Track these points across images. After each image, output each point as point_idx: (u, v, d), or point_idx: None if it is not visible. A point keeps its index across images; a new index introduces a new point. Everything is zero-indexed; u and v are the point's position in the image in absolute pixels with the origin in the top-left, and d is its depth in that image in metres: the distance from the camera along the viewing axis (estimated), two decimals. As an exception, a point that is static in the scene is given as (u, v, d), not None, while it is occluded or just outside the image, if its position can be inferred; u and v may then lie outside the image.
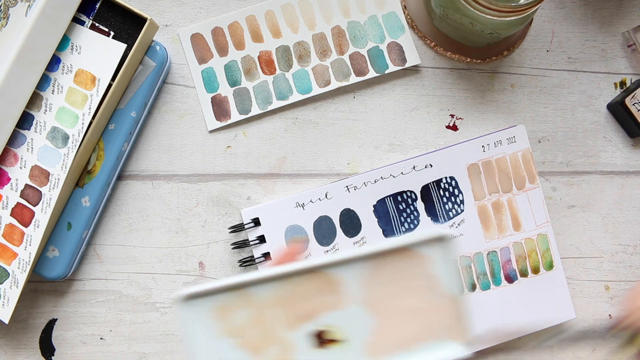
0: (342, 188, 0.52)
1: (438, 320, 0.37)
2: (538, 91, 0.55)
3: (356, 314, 0.37)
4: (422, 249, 0.37)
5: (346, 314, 0.37)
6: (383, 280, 0.37)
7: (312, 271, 0.37)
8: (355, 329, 0.37)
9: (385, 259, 0.37)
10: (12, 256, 0.48)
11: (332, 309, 0.37)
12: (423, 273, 0.37)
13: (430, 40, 0.54)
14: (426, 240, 0.37)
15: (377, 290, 0.37)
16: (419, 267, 0.37)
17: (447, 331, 0.37)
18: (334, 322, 0.37)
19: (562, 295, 0.53)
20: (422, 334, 0.38)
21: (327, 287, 0.37)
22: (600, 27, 0.56)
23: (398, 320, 0.37)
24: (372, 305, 0.37)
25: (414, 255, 0.37)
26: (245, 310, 0.37)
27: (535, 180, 0.53)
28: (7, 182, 0.48)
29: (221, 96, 0.53)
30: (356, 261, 0.37)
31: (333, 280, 0.37)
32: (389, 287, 0.37)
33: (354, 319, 0.37)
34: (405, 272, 0.37)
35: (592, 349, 0.55)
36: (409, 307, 0.37)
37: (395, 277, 0.37)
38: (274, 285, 0.37)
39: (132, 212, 0.53)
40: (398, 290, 0.37)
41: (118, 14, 0.50)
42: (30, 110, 0.48)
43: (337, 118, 0.54)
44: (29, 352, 0.53)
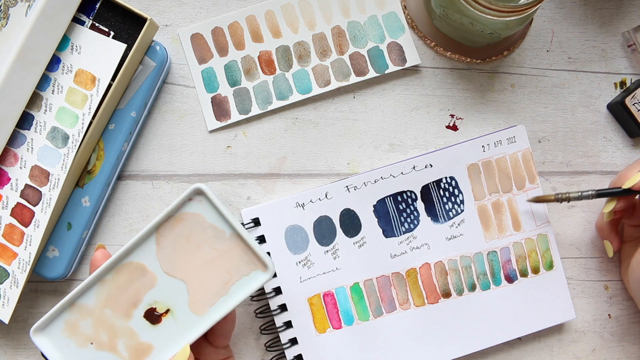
0: (342, 188, 0.52)
1: (235, 260, 0.43)
2: (538, 91, 0.55)
3: (168, 284, 0.42)
4: (189, 209, 0.42)
5: (161, 288, 0.42)
6: (172, 247, 0.42)
7: (116, 265, 0.42)
8: (174, 296, 0.42)
9: (164, 230, 0.42)
10: (12, 256, 0.48)
11: (149, 289, 0.42)
12: (201, 227, 0.42)
13: (430, 40, 0.54)
14: (186, 199, 0.42)
15: (171, 258, 0.42)
16: (195, 224, 0.42)
17: (247, 265, 0.43)
18: (156, 298, 0.42)
19: (562, 295, 0.53)
20: (229, 276, 0.43)
21: (135, 272, 0.42)
22: (600, 27, 0.56)
23: (204, 274, 0.42)
24: (176, 271, 0.42)
25: (186, 217, 0.42)
26: (87, 319, 0.42)
27: (535, 180, 0.53)
28: (7, 182, 0.48)
29: (221, 96, 0.53)
30: (141, 242, 0.42)
31: (136, 264, 0.42)
32: (181, 251, 0.42)
33: (168, 289, 0.42)
34: (186, 234, 0.42)
35: (592, 349, 0.55)
36: (206, 259, 0.42)
37: (182, 240, 0.42)
38: (96, 290, 0.42)
39: (132, 212, 0.53)
40: (189, 251, 0.42)
41: (118, 14, 0.50)
42: (30, 110, 0.48)
43: (337, 118, 0.54)
44: (29, 352, 0.53)
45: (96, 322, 0.42)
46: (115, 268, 0.42)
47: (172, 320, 0.42)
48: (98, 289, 0.42)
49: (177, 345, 0.42)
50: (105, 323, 0.42)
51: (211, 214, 0.42)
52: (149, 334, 0.42)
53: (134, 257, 0.42)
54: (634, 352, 0.55)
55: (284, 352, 0.51)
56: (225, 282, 0.43)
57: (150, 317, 0.42)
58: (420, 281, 0.52)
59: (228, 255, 0.42)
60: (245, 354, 0.53)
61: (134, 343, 0.42)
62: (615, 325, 0.55)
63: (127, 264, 0.42)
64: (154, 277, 0.42)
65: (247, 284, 0.43)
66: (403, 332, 0.52)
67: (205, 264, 0.42)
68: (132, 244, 0.42)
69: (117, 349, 0.42)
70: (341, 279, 0.52)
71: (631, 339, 0.55)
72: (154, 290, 0.42)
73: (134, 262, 0.42)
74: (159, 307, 0.42)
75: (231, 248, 0.42)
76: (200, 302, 0.42)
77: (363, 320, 0.52)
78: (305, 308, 0.52)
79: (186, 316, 0.42)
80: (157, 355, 0.42)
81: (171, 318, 0.42)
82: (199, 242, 0.42)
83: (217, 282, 0.43)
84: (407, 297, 0.52)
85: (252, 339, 0.53)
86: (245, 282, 0.43)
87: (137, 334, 0.42)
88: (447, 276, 0.53)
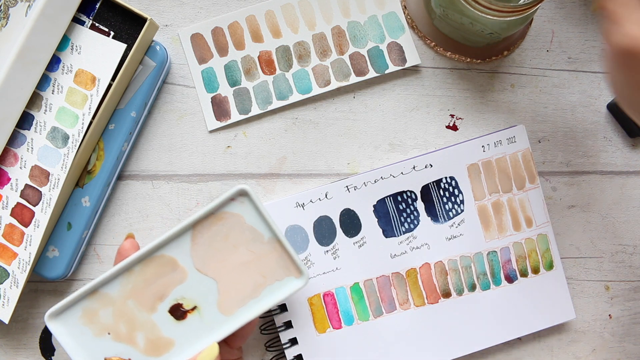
0: (342, 188, 0.52)
1: (271, 264, 0.42)
2: (538, 91, 0.55)
3: (199, 281, 0.42)
4: (230, 209, 0.42)
5: (190, 284, 0.42)
6: (208, 245, 0.42)
7: (147, 257, 0.41)
8: (204, 294, 0.42)
9: (202, 227, 0.42)
10: (12, 256, 0.48)
11: (179, 283, 0.42)
12: (240, 228, 0.42)
13: (430, 40, 0.54)
14: (229, 199, 0.41)
15: (207, 255, 0.42)
16: (234, 224, 0.42)
17: (282, 270, 0.42)
18: (184, 294, 0.42)
19: (562, 295, 0.53)
20: (263, 280, 0.42)
21: (166, 266, 0.41)
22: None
23: (237, 275, 0.42)
24: (208, 270, 0.42)
25: (225, 216, 0.42)
26: (108, 309, 0.41)
27: (535, 180, 0.53)
28: (7, 182, 0.48)
29: (221, 96, 0.53)
30: (177, 237, 0.41)
31: (168, 258, 0.41)
32: (217, 249, 0.42)
33: (198, 287, 0.42)
34: (226, 233, 0.42)
35: (592, 349, 0.55)
36: (241, 261, 0.42)
37: (219, 239, 0.42)
38: (122, 280, 0.41)
39: (132, 212, 0.53)
40: (225, 250, 0.42)
41: (118, 14, 0.50)
42: (30, 110, 0.48)
43: (337, 118, 0.54)
44: (29, 352, 0.53)
45: (117, 312, 0.41)
46: (145, 260, 0.41)
47: (197, 318, 0.42)
48: (124, 279, 0.41)
49: (200, 343, 0.42)
50: (126, 314, 0.41)
51: (252, 216, 0.42)
52: (172, 329, 0.42)
53: (166, 251, 0.41)
54: (634, 352, 0.55)
55: (284, 351, 0.51)
56: (257, 285, 0.42)
57: (175, 312, 0.42)
58: (420, 281, 0.52)
59: (264, 258, 0.42)
60: (245, 354, 0.53)
61: (154, 337, 0.42)
62: (616, 326, 0.55)
63: (158, 256, 0.41)
64: (185, 272, 0.42)
65: (279, 289, 0.42)
66: (403, 332, 0.52)
67: (240, 265, 0.42)
68: (166, 238, 0.41)
69: (136, 341, 0.41)
70: (341, 279, 0.52)
71: (632, 339, 0.55)
72: (183, 286, 0.42)
73: (165, 256, 0.41)
74: (186, 303, 0.42)
75: (268, 252, 0.42)
76: (229, 303, 0.42)
77: (363, 320, 0.52)
78: (305, 308, 0.52)
79: (213, 315, 0.42)
80: (177, 352, 0.42)
81: (197, 315, 0.42)
82: (236, 242, 0.42)
83: (250, 284, 0.42)
84: (407, 297, 0.52)
85: (252, 339, 0.53)
86: (278, 287, 0.42)
87: (159, 328, 0.42)
88: (447, 276, 0.53)
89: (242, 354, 0.48)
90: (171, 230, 0.41)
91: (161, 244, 0.41)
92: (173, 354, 0.42)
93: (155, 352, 0.41)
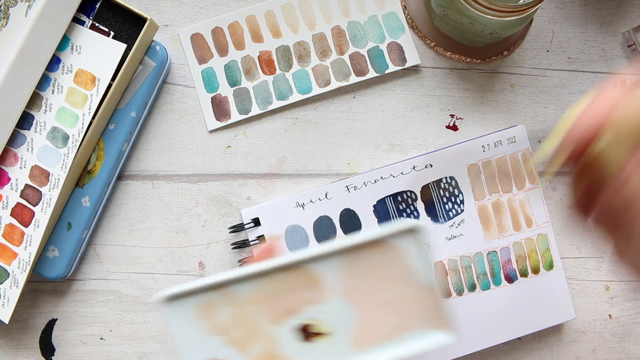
0: (342, 188, 0.52)
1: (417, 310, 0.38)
2: (538, 91, 0.55)
3: (338, 306, 0.38)
4: (395, 241, 0.38)
5: (329, 307, 0.38)
6: (361, 272, 0.38)
7: (291, 267, 0.38)
8: (339, 321, 0.38)
9: (360, 251, 0.38)
10: (12, 256, 0.48)
11: (315, 303, 0.38)
12: (399, 264, 0.38)
13: (430, 40, 0.54)
14: (399, 232, 0.38)
15: (356, 282, 0.38)
16: (395, 258, 0.38)
17: (427, 320, 0.38)
18: (318, 316, 0.38)
19: (562, 295, 0.53)
20: (404, 324, 0.38)
21: (307, 282, 0.38)
22: (600, 27, 0.56)
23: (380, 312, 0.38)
24: (353, 298, 0.38)
25: (388, 247, 0.38)
26: (229, 308, 0.38)
27: (535, 180, 0.53)
28: (7, 182, 0.48)
29: (221, 96, 0.53)
30: (333, 255, 0.38)
31: (313, 274, 0.38)
32: (368, 279, 0.38)
33: (336, 312, 0.38)
34: (382, 264, 0.38)
35: (592, 349, 0.55)
36: (389, 298, 0.38)
37: (373, 269, 0.38)
38: (255, 283, 0.38)
39: (132, 212, 0.53)
40: (376, 282, 0.38)
41: (118, 14, 0.50)
42: (30, 110, 0.48)
43: (337, 118, 0.54)
44: (29, 352, 0.53)
45: (239, 314, 0.38)
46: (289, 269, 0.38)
47: (325, 345, 0.38)
48: (258, 282, 0.38)
49: None
50: (248, 319, 0.38)
51: (414, 255, 0.38)
52: (292, 348, 0.38)
53: (313, 266, 0.38)
54: (634, 352, 0.55)
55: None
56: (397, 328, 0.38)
57: (303, 332, 0.38)
58: (420, 281, 0.52)
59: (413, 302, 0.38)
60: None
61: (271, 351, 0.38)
62: (616, 326, 0.55)
63: (303, 268, 0.38)
64: (327, 294, 0.38)
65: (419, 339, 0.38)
66: (403, 332, 0.52)
67: (385, 301, 0.38)
68: (320, 253, 0.38)
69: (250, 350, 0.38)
70: (341, 279, 0.52)
71: (632, 339, 0.55)
72: (320, 307, 0.38)
73: (311, 271, 0.38)
74: (317, 326, 0.38)
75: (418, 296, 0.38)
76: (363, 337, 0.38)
77: (363, 320, 0.52)
78: (305, 308, 0.51)
79: (341, 346, 0.38)
80: None
81: (326, 342, 0.38)
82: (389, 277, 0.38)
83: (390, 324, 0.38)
84: (407, 297, 0.52)
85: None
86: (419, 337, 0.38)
87: (278, 344, 0.38)
88: (447, 276, 0.53)
89: None
90: (327, 247, 0.37)
91: (313, 257, 0.37)
92: None
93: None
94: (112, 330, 0.53)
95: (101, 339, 0.53)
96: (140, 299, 0.53)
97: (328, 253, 0.38)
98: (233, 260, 0.53)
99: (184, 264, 0.53)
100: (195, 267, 0.53)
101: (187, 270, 0.53)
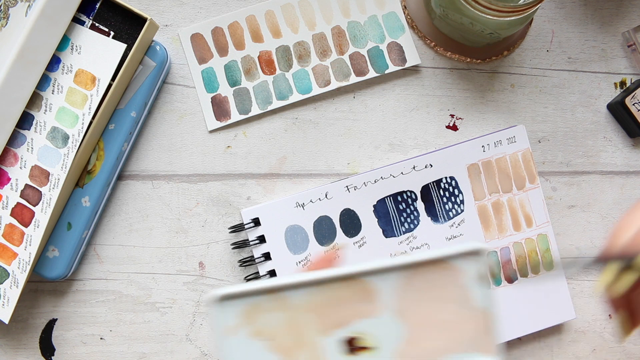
0: (342, 188, 0.52)
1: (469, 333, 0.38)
2: (538, 91, 0.55)
3: (389, 322, 0.37)
4: (456, 262, 0.37)
5: (379, 322, 0.37)
6: (417, 290, 0.37)
7: (348, 278, 0.37)
8: (387, 337, 0.37)
9: (420, 269, 0.37)
10: (12, 256, 0.48)
11: (366, 317, 0.37)
12: (456, 285, 0.37)
13: (430, 40, 0.54)
14: (462, 254, 0.37)
15: (410, 300, 0.37)
16: (453, 279, 0.37)
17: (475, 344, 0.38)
18: (366, 330, 0.37)
19: (562, 295, 0.53)
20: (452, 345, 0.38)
21: (362, 294, 0.37)
22: (600, 27, 0.56)
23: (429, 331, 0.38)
24: (405, 315, 0.37)
25: (448, 267, 0.37)
26: (279, 314, 0.37)
27: (535, 180, 0.53)
28: (7, 182, 0.48)
29: (221, 96, 0.53)
30: (392, 270, 0.37)
31: (368, 288, 0.37)
32: (423, 297, 0.37)
33: (386, 328, 0.37)
34: (439, 284, 0.37)
35: (592, 349, 0.55)
36: (441, 318, 0.38)
37: (429, 288, 0.37)
38: (309, 291, 0.37)
39: (132, 212, 0.53)
40: (431, 301, 0.37)
41: (118, 14, 0.50)
42: (30, 110, 0.48)
43: (337, 118, 0.54)
44: (29, 352, 0.53)
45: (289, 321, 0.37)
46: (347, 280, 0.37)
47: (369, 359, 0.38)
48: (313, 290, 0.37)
49: None
50: (297, 327, 0.37)
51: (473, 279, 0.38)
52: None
53: (371, 279, 0.37)
54: (634, 352, 0.55)
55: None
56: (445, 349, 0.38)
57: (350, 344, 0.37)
58: (420, 281, 0.52)
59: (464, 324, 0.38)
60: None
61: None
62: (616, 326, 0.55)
63: (361, 280, 0.37)
64: (380, 308, 0.38)
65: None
66: (403, 332, 0.52)
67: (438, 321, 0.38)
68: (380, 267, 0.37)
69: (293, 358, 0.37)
70: (341, 279, 0.52)
71: (631, 339, 0.55)
72: (370, 321, 0.37)
73: (368, 283, 0.37)
74: (364, 339, 0.38)
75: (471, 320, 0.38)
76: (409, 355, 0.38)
77: (363, 320, 0.52)
78: (305, 308, 0.51)
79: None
80: None
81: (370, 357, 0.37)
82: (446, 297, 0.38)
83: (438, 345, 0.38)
84: (407, 297, 0.52)
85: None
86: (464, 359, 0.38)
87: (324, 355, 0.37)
88: (447, 276, 0.53)
89: None
90: (388, 261, 0.37)
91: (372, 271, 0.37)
92: None
93: None
94: (112, 330, 0.53)
95: (101, 339, 0.53)
96: (140, 299, 0.53)
97: (388, 268, 0.37)
98: (233, 260, 0.53)
99: (184, 264, 0.53)
100: (195, 267, 0.53)
101: (187, 270, 0.53)
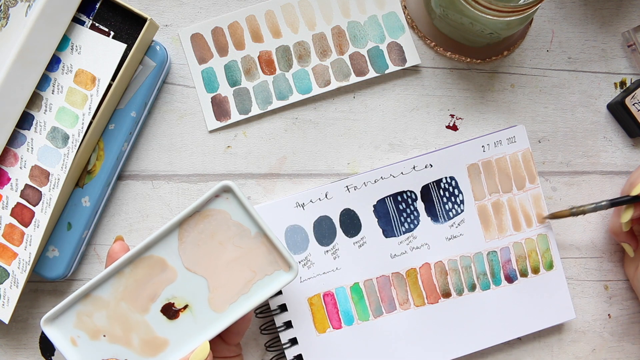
0: (342, 188, 0.52)
1: (259, 259, 0.42)
2: (538, 91, 0.55)
3: (188, 279, 0.42)
4: (215, 206, 0.42)
5: (180, 283, 0.42)
6: (195, 243, 0.42)
7: (135, 259, 0.42)
8: (194, 292, 0.42)
9: (188, 225, 0.42)
10: (12, 256, 0.48)
11: (169, 283, 0.42)
12: (226, 225, 0.42)
13: (430, 40, 0.54)
14: (213, 196, 0.42)
15: (194, 254, 0.42)
16: (220, 221, 0.42)
17: (271, 265, 0.43)
18: (175, 293, 0.42)
19: (562, 295, 0.53)
20: (252, 275, 0.42)
21: (156, 266, 0.42)
22: (600, 27, 0.56)
23: (226, 272, 0.42)
24: (198, 268, 0.42)
25: (211, 214, 0.42)
26: (101, 312, 0.42)
27: (535, 180, 0.53)
28: (7, 182, 0.48)
29: (221, 96, 0.53)
30: (164, 237, 0.42)
31: (156, 259, 0.42)
32: (204, 247, 0.42)
33: (188, 285, 0.42)
34: (211, 230, 0.42)
35: (592, 349, 0.55)
36: (230, 257, 0.42)
37: (206, 238, 0.42)
38: (113, 283, 0.42)
39: (132, 212, 0.53)
40: (213, 248, 0.42)
41: (118, 14, 0.50)
42: (30, 110, 0.48)
43: (337, 118, 0.54)
44: (29, 352, 0.53)
45: (111, 314, 0.42)
46: (135, 261, 0.42)
47: (190, 317, 0.42)
48: (115, 282, 0.42)
49: (193, 341, 0.42)
50: (120, 316, 0.42)
51: (237, 212, 0.42)
52: (166, 329, 0.42)
53: (154, 251, 0.42)
54: (633, 352, 0.55)
55: (284, 352, 0.51)
56: (247, 281, 0.42)
57: (167, 312, 0.42)
58: (420, 281, 0.52)
59: (252, 253, 0.42)
60: (245, 354, 0.53)
61: (149, 337, 0.42)
62: (615, 325, 0.55)
63: (147, 257, 0.42)
64: (174, 272, 0.42)
65: (269, 284, 0.42)
66: (403, 332, 0.52)
67: (228, 261, 0.42)
68: (153, 238, 0.41)
69: (131, 342, 0.42)
70: (341, 279, 0.52)
71: (631, 338, 0.55)
72: (173, 285, 0.42)
73: (154, 256, 0.42)
74: (178, 302, 0.42)
75: (256, 247, 0.42)
76: (220, 300, 0.42)
77: (363, 320, 0.52)
78: (305, 308, 0.52)
79: (205, 313, 0.42)
80: (172, 351, 0.42)
81: (189, 314, 0.42)
82: (223, 239, 0.42)
83: (239, 280, 0.42)
84: (407, 297, 0.52)
85: (251, 339, 0.53)
86: (268, 282, 0.42)
87: (152, 329, 0.42)
88: (447, 276, 0.53)
89: (242, 350, 0.48)
90: (157, 231, 0.41)
91: (149, 244, 0.42)
92: (168, 353, 0.42)
93: (151, 352, 0.42)
94: (112, 330, 0.53)
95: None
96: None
97: (160, 235, 0.41)
98: (233, 260, 0.53)
99: (184, 264, 0.53)
100: (195, 267, 0.53)
101: (187, 270, 0.53)
